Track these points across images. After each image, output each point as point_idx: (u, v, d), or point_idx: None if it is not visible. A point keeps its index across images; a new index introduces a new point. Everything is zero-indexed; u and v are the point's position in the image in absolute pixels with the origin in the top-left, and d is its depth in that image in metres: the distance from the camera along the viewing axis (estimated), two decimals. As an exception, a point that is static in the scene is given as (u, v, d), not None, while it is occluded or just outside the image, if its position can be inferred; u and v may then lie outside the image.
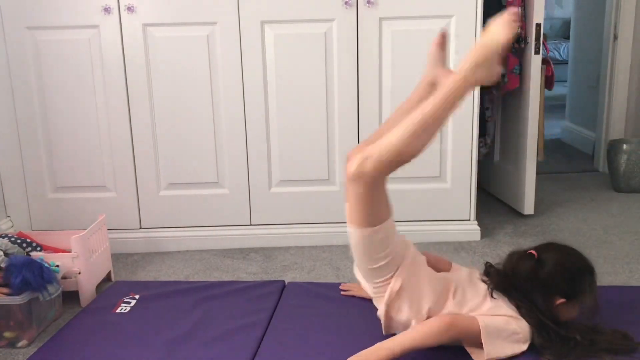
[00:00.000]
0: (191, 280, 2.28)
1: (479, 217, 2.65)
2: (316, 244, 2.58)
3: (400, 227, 2.57)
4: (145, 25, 2.42)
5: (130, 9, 2.40)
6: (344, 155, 2.53)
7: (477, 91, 2.48)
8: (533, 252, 1.67)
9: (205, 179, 2.57)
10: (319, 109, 2.50)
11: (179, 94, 2.48)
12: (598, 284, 1.69)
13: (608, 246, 2.49)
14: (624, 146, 3.23)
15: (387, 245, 1.58)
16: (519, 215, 2.87)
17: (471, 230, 2.61)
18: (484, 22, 2.43)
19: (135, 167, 2.55)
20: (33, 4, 2.41)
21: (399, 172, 2.52)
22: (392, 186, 2.71)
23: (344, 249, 2.53)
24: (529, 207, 2.83)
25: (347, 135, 2.52)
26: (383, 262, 1.58)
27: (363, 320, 1.81)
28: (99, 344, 1.74)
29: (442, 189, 2.58)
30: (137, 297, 2.06)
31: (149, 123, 2.51)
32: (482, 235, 2.61)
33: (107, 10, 2.40)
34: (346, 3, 2.40)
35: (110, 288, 2.18)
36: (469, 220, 2.61)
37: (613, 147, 3.29)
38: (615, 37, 3.51)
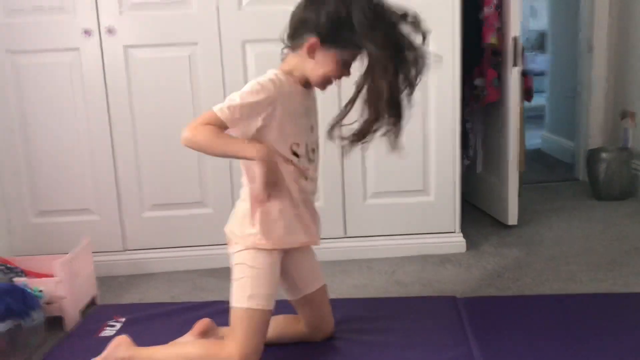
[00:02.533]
0: (177, 301, 2.25)
1: (464, 229, 2.67)
2: (302, 261, 2.58)
3: (385, 241, 2.61)
4: (126, 46, 2.42)
5: (110, 31, 2.40)
6: (327, 175, 2.53)
7: (457, 104, 2.51)
8: None
9: (189, 198, 2.55)
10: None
11: (161, 114, 2.47)
12: (583, 291, 1.69)
13: (591, 254, 2.52)
14: (603, 155, 3.28)
15: None
16: (503, 226, 2.89)
17: (456, 242, 2.62)
18: (463, 36, 2.47)
19: (118, 189, 2.53)
20: (13, 27, 2.40)
21: (383, 186, 2.54)
22: (376, 200, 2.73)
23: (330, 264, 2.53)
24: (512, 218, 2.86)
25: (331, 154, 2.53)
26: None
27: (352, 338, 1.80)
28: (85, 370, 1.72)
29: (426, 202, 2.60)
30: (122, 320, 2.03)
31: (131, 144, 2.50)
32: (468, 247, 2.63)
33: (87, 32, 2.40)
34: (326, 21, 2.41)
35: (94, 312, 2.15)
36: (454, 232, 2.62)
37: (592, 156, 3.34)
38: (591, 48, 3.57)
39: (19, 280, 2.04)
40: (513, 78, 2.70)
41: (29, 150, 2.50)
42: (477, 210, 3.16)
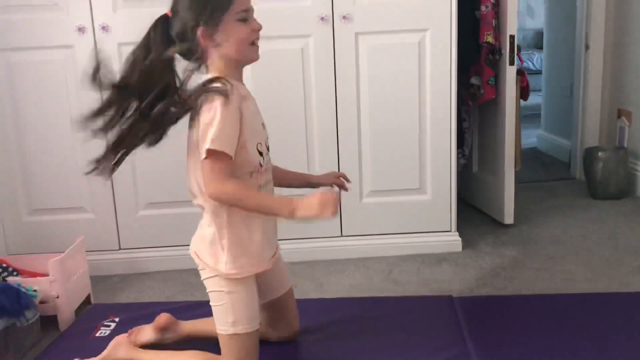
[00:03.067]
0: (172, 300, 2.24)
1: (460, 228, 2.66)
2: (299, 260, 2.57)
3: (382, 240, 2.60)
4: (121, 44, 2.40)
5: (104, 28, 2.38)
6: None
7: (453, 103, 2.51)
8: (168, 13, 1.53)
9: (184, 197, 2.52)
10: (298, 127, 2.49)
11: (156, 112, 2.46)
12: (579, 290, 1.69)
13: (587, 253, 2.52)
14: (600, 153, 3.28)
15: None
16: (500, 225, 2.89)
17: (452, 241, 2.61)
18: (459, 35, 2.47)
19: (113, 187, 2.52)
20: (6, 24, 2.38)
21: (379, 184, 2.54)
22: (372, 199, 2.72)
23: (327, 263, 2.52)
24: (509, 217, 2.85)
25: (327, 152, 2.52)
26: None
27: (349, 337, 1.80)
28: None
29: (422, 200, 2.59)
30: (116, 319, 2.02)
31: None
32: (464, 246, 2.62)
33: (81, 30, 2.38)
34: (322, 19, 2.41)
35: (89, 311, 2.14)
36: (450, 231, 2.62)
37: (589, 155, 3.34)
38: (587, 47, 3.57)
39: (13, 280, 2.03)
40: (509, 76, 2.69)
41: (23, 148, 2.49)
42: (473, 209, 3.16)
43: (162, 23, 1.51)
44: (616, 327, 1.81)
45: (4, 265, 2.19)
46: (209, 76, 1.50)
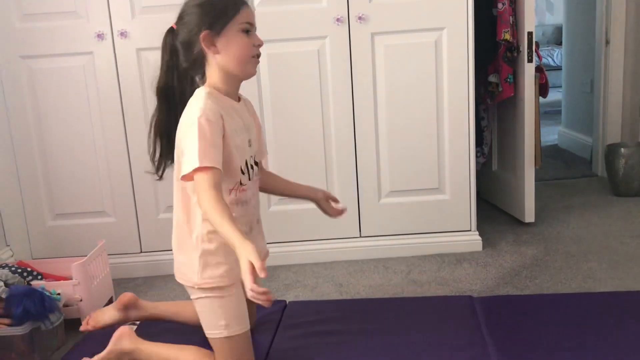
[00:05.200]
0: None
1: (480, 227, 2.64)
2: (318, 261, 2.57)
3: (401, 241, 2.60)
4: (139, 49, 2.43)
5: (123, 34, 2.41)
6: (341, 175, 2.53)
7: (472, 101, 2.49)
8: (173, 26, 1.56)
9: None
10: (315, 129, 2.50)
11: (174, 116, 2.48)
12: (602, 289, 1.66)
13: (610, 251, 2.48)
14: (622, 150, 3.23)
15: None
16: (520, 223, 2.86)
17: (472, 240, 2.60)
18: (476, 33, 2.45)
19: (134, 191, 2.55)
20: (26, 32, 2.43)
21: (398, 185, 2.53)
22: (391, 199, 2.71)
23: (346, 264, 2.52)
24: (529, 215, 2.83)
25: (345, 153, 2.52)
26: None
27: (368, 338, 1.79)
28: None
29: (441, 200, 2.58)
30: (137, 322, 2.04)
31: (145, 146, 2.50)
32: (484, 246, 2.60)
33: (100, 36, 2.42)
34: (338, 20, 2.41)
35: (112, 314, 2.16)
36: (470, 230, 2.60)
37: (611, 152, 3.29)
38: (607, 42, 3.52)
39: (37, 284, 2.06)
40: (528, 74, 2.67)
41: (45, 154, 2.53)
42: (493, 208, 3.14)
43: (169, 35, 1.56)
44: (640, 326, 1.78)
45: (29, 269, 2.22)
46: (202, 89, 1.51)
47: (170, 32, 1.56)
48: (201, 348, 1.63)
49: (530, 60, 2.64)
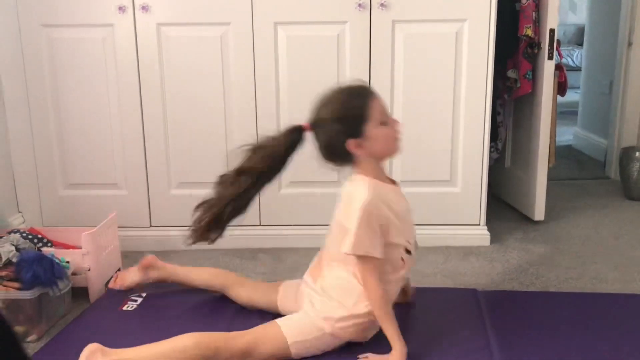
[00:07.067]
0: (200, 279, 2.27)
1: (489, 222, 2.64)
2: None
3: (410, 231, 2.59)
4: (160, 24, 2.44)
5: (144, 8, 2.42)
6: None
7: (489, 96, 2.48)
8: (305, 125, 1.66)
9: (215, 178, 2.56)
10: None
11: (191, 93, 2.49)
12: (608, 291, 1.66)
13: (619, 254, 2.47)
14: (637, 153, 3.21)
15: None
16: (529, 221, 2.85)
17: (481, 235, 2.59)
18: (497, 26, 2.43)
19: (147, 165, 2.56)
20: (48, 1, 2.43)
21: (409, 175, 2.52)
22: (403, 189, 2.70)
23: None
24: (539, 213, 2.82)
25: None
26: None
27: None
28: (105, 341, 1.75)
29: (452, 193, 2.57)
30: (143, 294, 2.06)
31: (160, 122, 2.52)
32: (492, 241, 2.60)
33: (121, 9, 2.42)
34: (359, 5, 2.40)
35: (119, 285, 2.19)
36: (479, 225, 2.60)
37: (625, 155, 3.27)
38: (630, 44, 3.48)
39: (47, 251, 2.09)
40: (547, 71, 2.65)
41: (61, 124, 2.55)
42: (503, 204, 3.13)
43: (295, 131, 1.66)
44: (644, 329, 1.78)
45: (39, 236, 2.25)
46: (363, 178, 1.63)
47: (299, 130, 1.65)
48: (189, 333, 1.59)
49: (550, 57, 2.62)
